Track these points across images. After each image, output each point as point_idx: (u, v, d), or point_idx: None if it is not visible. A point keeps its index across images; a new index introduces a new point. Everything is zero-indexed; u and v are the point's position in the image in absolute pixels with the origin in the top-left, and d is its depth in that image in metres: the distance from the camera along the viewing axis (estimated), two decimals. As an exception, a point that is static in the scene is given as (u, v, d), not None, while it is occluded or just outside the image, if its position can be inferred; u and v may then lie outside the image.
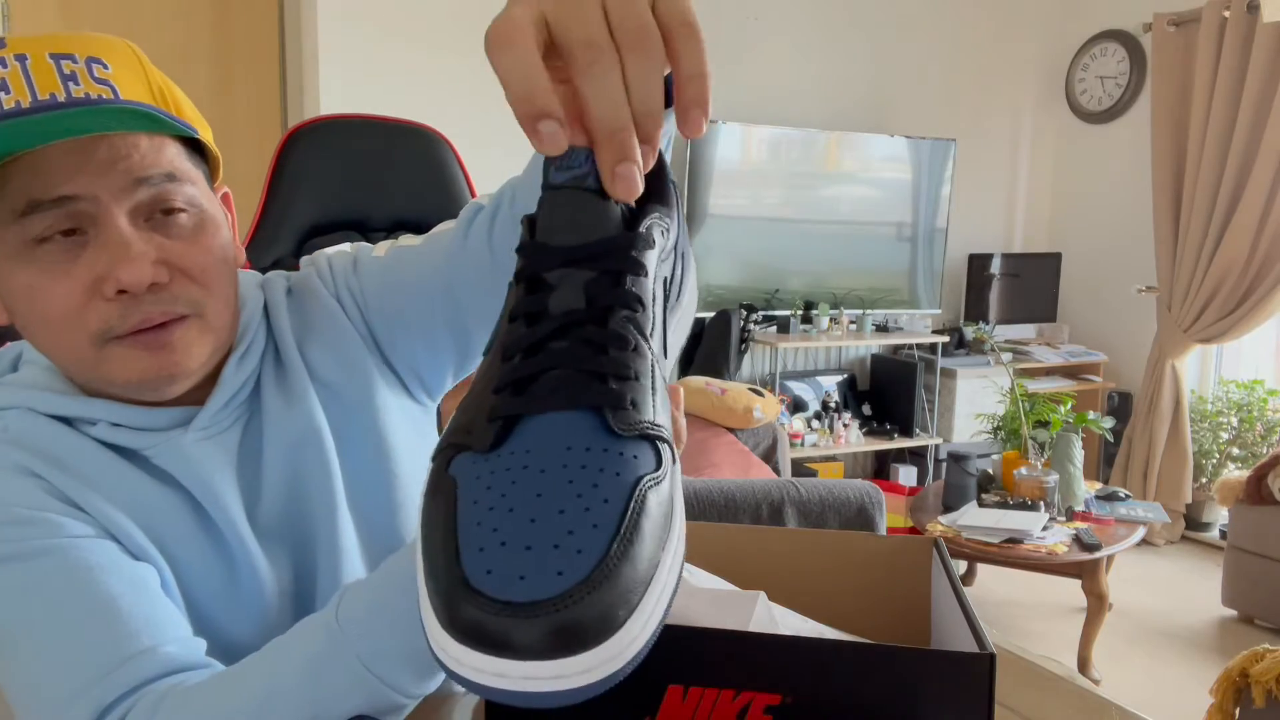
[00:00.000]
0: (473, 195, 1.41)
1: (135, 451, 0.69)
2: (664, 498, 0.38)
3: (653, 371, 0.41)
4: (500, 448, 0.38)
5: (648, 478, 0.37)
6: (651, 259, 0.44)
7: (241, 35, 3.22)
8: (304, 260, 0.87)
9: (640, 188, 0.40)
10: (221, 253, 0.71)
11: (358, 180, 1.37)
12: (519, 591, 0.32)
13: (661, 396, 0.42)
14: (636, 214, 0.44)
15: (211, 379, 0.73)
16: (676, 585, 0.37)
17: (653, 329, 0.43)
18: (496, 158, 3.58)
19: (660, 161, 0.49)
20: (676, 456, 0.41)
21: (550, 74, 0.38)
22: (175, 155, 0.67)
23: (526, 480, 0.36)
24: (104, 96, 0.63)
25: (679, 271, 0.50)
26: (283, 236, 1.30)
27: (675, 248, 0.48)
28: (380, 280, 0.81)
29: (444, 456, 0.39)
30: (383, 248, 0.84)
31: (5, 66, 0.62)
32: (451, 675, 0.34)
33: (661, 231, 0.45)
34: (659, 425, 0.40)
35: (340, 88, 3.19)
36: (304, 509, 0.76)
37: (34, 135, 0.60)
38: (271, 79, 3.34)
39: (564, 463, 0.37)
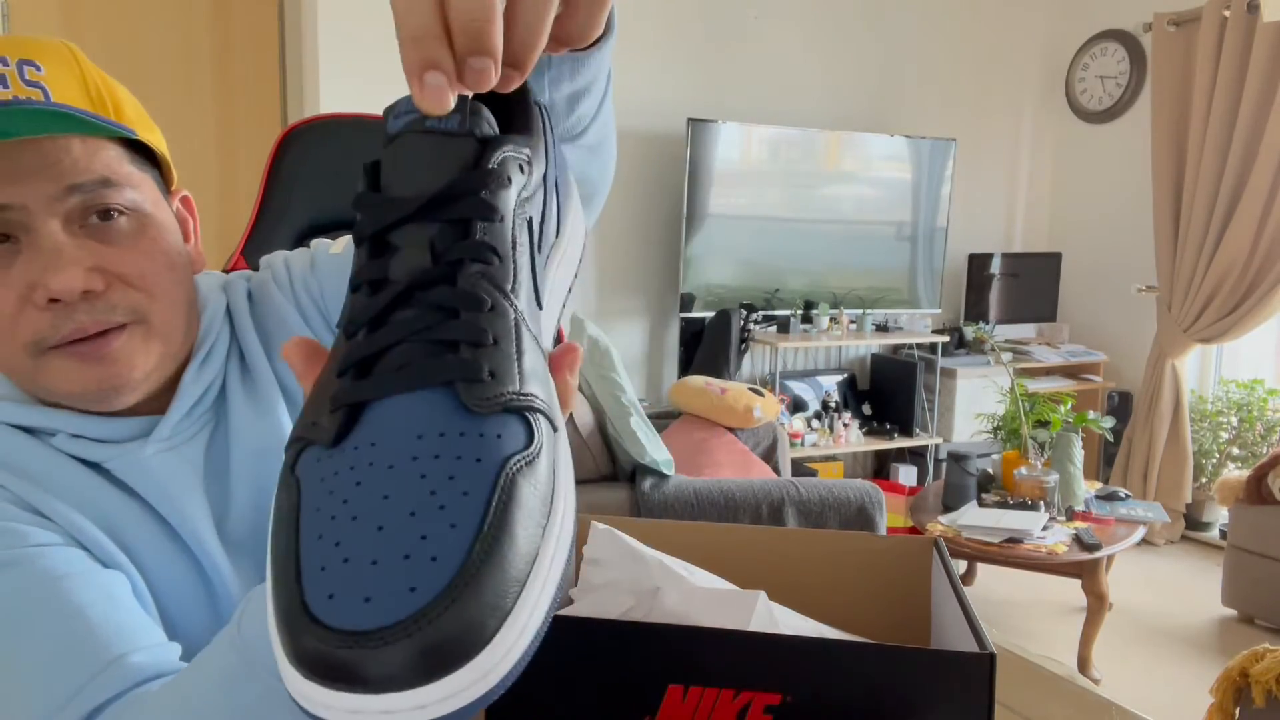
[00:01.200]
0: None
1: (97, 463, 0.67)
2: (540, 477, 0.33)
3: (517, 332, 0.37)
4: (344, 442, 0.34)
5: (516, 458, 0.33)
6: (506, 199, 0.38)
7: (241, 35, 3.22)
8: (262, 261, 0.84)
9: (451, 100, 0.35)
10: (166, 257, 0.68)
11: (355, 179, 1.37)
12: (365, 617, 0.28)
13: (533, 358, 0.37)
14: (484, 149, 0.39)
15: (172, 386, 0.71)
16: (564, 574, 0.33)
17: (516, 281, 0.38)
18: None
19: (522, 86, 0.44)
20: (558, 425, 0.37)
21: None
22: (114, 159, 0.65)
23: (373, 480, 0.32)
24: (33, 99, 0.61)
25: (553, 207, 0.44)
26: (279, 237, 1.30)
27: (544, 181, 0.43)
28: (339, 277, 0.78)
29: (292, 451, 0.35)
30: (340, 243, 0.82)
31: None
32: (305, 714, 0.30)
33: (519, 165, 0.40)
34: (527, 394, 0.35)
35: (340, 88, 3.19)
36: None
37: None
38: (271, 79, 3.34)
39: (414, 454, 0.32)
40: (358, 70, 3.22)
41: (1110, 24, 4.41)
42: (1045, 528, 2.83)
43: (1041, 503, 2.95)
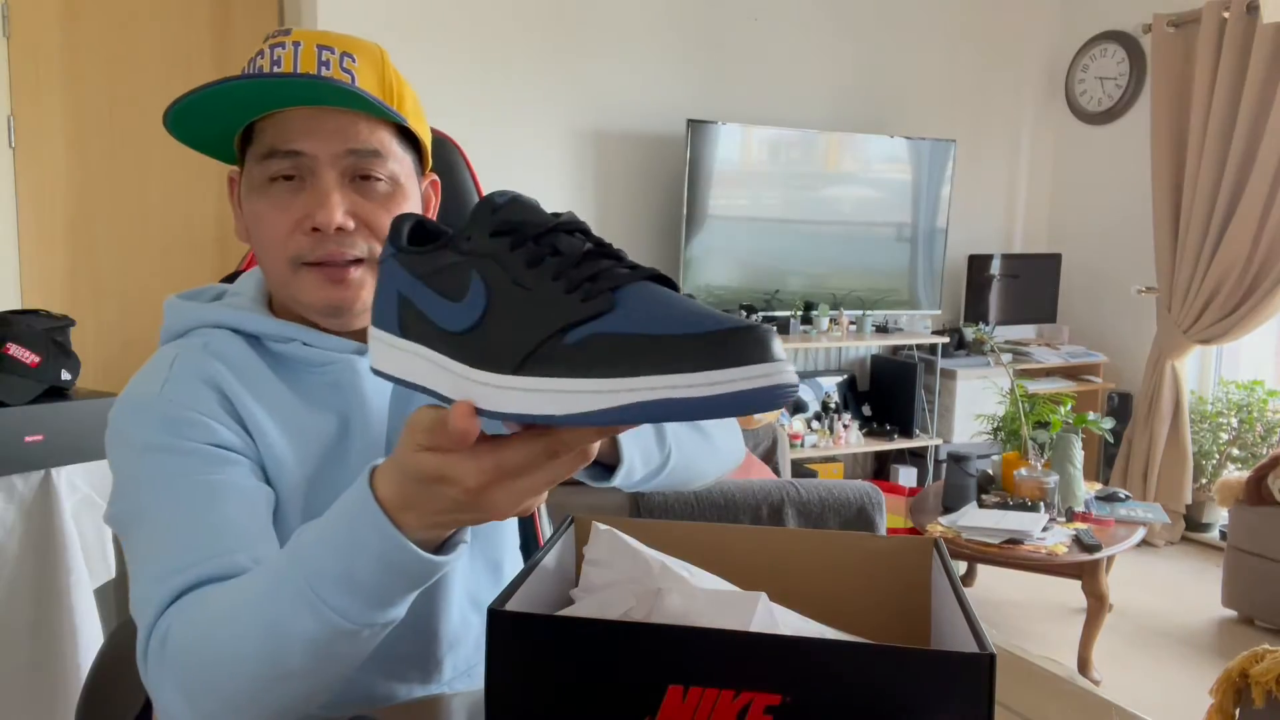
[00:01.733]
0: (480, 198, 1.42)
1: (316, 369, 0.84)
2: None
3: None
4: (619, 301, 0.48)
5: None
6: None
7: (241, 35, 3.22)
8: None
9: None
10: None
11: None
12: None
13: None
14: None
15: None
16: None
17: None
18: (502, 159, 3.60)
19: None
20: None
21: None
22: (387, 137, 0.84)
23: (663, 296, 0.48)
24: (343, 82, 0.79)
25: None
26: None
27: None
28: None
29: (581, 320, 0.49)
30: None
31: (285, 49, 0.82)
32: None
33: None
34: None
35: (340, 88, 3.19)
36: None
37: (285, 95, 0.79)
38: (272, 80, 3.34)
39: (670, 295, 0.49)
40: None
41: (1110, 25, 4.41)
42: (1045, 529, 2.83)
43: (1041, 504, 2.95)
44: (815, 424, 4.04)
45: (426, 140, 0.89)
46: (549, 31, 3.58)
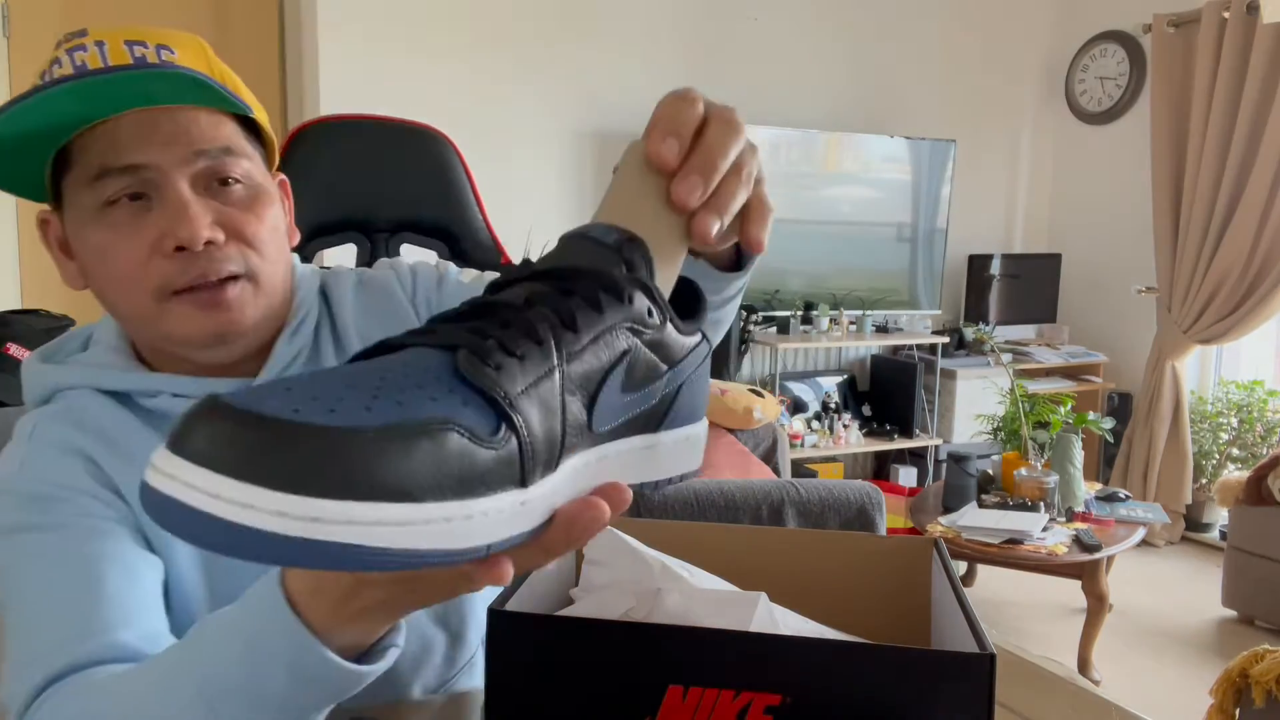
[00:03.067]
0: (475, 194, 1.41)
1: None
2: (471, 460, 0.35)
3: (548, 377, 0.39)
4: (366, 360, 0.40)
5: (452, 423, 0.35)
6: (615, 306, 0.42)
7: (241, 35, 3.22)
8: (381, 262, 0.91)
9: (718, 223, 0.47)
10: (273, 223, 0.76)
11: (361, 181, 1.37)
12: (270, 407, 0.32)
13: (546, 415, 0.38)
14: (623, 264, 0.44)
15: (265, 351, 0.78)
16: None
17: (578, 359, 0.40)
18: (499, 156, 3.59)
19: (701, 299, 0.52)
20: (529, 472, 0.37)
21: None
22: (232, 132, 0.74)
23: (356, 372, 0.37)
24: (166, 63, 0.70)
25: (660, 389, 0.45)
26: (284, 237, 1.30)
27: (665, 363, 0.45)
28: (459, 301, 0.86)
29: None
30: (469, 275, 0.90)
31: (86, 50, 0.70)
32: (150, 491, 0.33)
33: (649, 309, 0.44)
34: (516, 404, 0.37)
35: (341, 88, 3.19)
36: None
37: (106, 96, 0.67)
38: (272, 79, 3.34)
39: (389, 368, 0.37)
40: (358, 71, 3.22)
41: (1110, 25, 4.41)
42: (1045, 529, 2.83)
43: (1041, 504, 2.95)
44: (815, 424, 4.04)
45: (270, 131, 0.80)
46: (549, 31, 3.58)
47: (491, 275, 0.87)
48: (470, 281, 0.89)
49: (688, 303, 0.52)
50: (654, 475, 0.47)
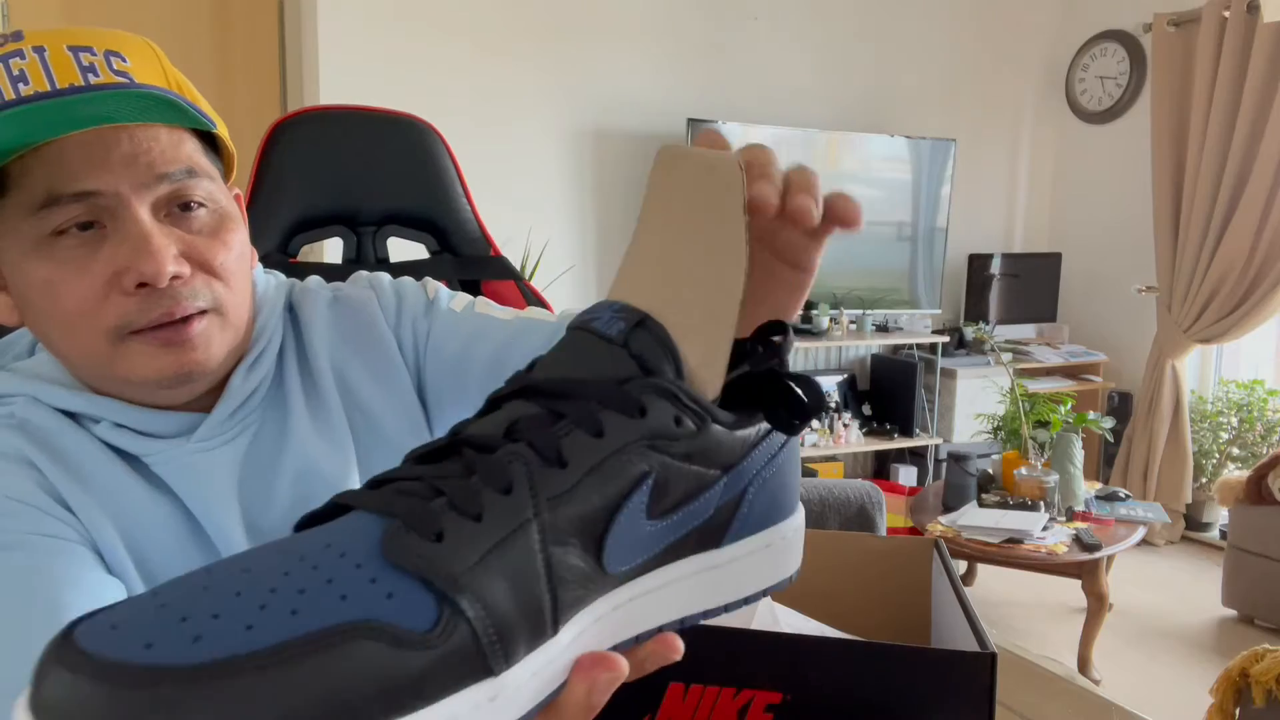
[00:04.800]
0: (464, 187, 1.39)
1: (135, 456, 0.67)
2: (399, 668, 0.28)
3: (520, 537, 0.32)
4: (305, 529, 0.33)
5: (373, 626, 0.28)
6: (620, 424, 0.34)
7: (241, 33, 3.22)
8: (361, 276, 0.84)
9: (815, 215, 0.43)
10: (239, 250, 0.69)
11: (345, 173, 1.35)
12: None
13: (523, 588, 0.31)
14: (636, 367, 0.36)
15: (220, 386, 0.71)
16: None
17: (566, 501, 0.33)
18: (501, 159, 3.58)
19: (780, 377, 0.41)
20: (494, 667, 0.30)
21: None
22: (194, 150, 0.66)
23: (258, 560, 0.30)
24: (122, 85, 0.62)
25: (726, 504, 0.38)
26: (269, 232, 1.28)
27: (722, 473, 0.37)
28: (455, 342, 0.77)
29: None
30: (461, 302, 0.81)
31: (24, 58, 0.62)
32: None
33: (676, 416, 0.35)
34: (464, 587, 0.30)
35: (340, 84, 3.19)
36: None
37: (54, 123, 0.59)
38: (271, 77, 3.34)
39: (304, 553, 0.30)
40: (358, 66, 3.22)
41: (1110, 24, 4.41)
42: (1045, 528, 2.83)
43: (1041, 503, 2.95)
44: (815, 423, 4.04)
45: (230, 145, 0.72)
46: (549, 30, 3.58)
47: (483, 301, 0.80)
48: (461, 311, 0.80)
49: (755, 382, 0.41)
50: (723, 599, 0.39)
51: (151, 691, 0.26)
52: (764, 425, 0.39)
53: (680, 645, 0.35)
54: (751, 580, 0.39)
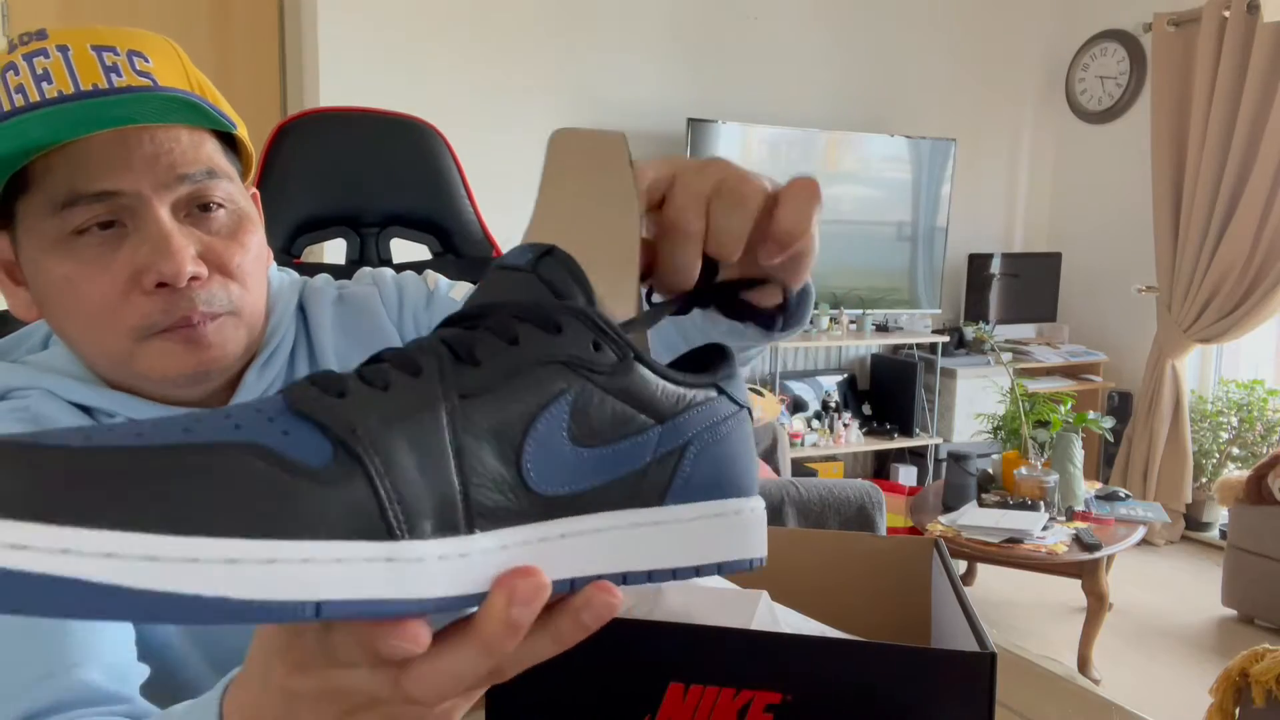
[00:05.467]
0: (466, 188, 1.39)
1: None
2: (283, 494, 0.28)
3: (413, 410, 0.32)
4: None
5: (258, 445, 0.29)
6: (539, 339, 0.35)
7: (241, 33, 3.21)
8: (365, 273, 0.85)
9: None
10: (257, 251, 0.70)
11: (349, 174, 1.35)
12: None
13: (419, 452, 0.31)
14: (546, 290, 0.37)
15: (233, 383, 0.72)
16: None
17: (481, 399, 0.33)
18: (501, 158, 3.58)
19: (728, 356, 0.43)
20: (401, 516, 0.30)
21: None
22: (214, 151, 0.67)
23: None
24: (146, 87, 0.63)
25: (665, 457, 0.37)
26: (273, 233, 1.29)
27: (657, 426, 0.37)
28: None
29: None
30: (461, 290, 0.83)
31: (48, 57, 0.62)
32: None
33: (597, 344, 0.36)
34: (357, 431, 0.30)
35: (341, 84, 3.19)
36: None
37: (78, 124, 0.60)
38: (271, 77, 3.34)
39: (227, 414, 0.31)
40: (358, 66, 3.22)
41: (1110, 24, 4.41)
42: (1045, 528, 2.83)
43: (1041, 503, 2.95)
44: (815, 423, 4.04)
45: (249, 145, 0.73)
46: (549, 30, 3.58)
47: None
48: (461, 298, 0.81)
49: (705, 357, 0.43)
50: (669, 562, 0.37)
51: (45, 453, 0.26)
52: (711, 389, 0.39)
53: (619, 595, 0.34)
54: (700, 549, 0.39)
